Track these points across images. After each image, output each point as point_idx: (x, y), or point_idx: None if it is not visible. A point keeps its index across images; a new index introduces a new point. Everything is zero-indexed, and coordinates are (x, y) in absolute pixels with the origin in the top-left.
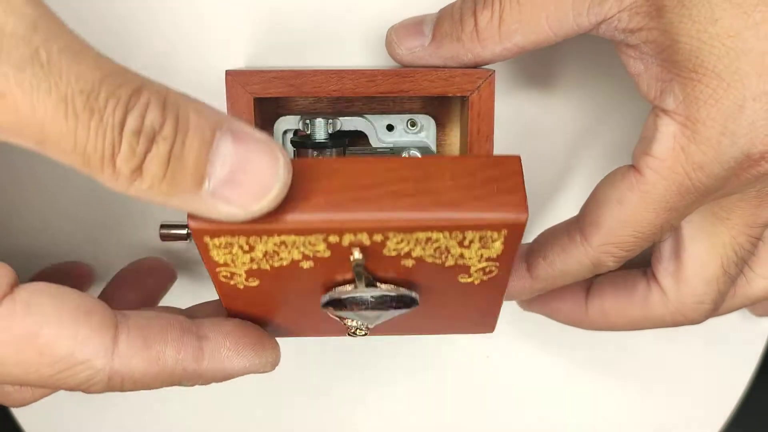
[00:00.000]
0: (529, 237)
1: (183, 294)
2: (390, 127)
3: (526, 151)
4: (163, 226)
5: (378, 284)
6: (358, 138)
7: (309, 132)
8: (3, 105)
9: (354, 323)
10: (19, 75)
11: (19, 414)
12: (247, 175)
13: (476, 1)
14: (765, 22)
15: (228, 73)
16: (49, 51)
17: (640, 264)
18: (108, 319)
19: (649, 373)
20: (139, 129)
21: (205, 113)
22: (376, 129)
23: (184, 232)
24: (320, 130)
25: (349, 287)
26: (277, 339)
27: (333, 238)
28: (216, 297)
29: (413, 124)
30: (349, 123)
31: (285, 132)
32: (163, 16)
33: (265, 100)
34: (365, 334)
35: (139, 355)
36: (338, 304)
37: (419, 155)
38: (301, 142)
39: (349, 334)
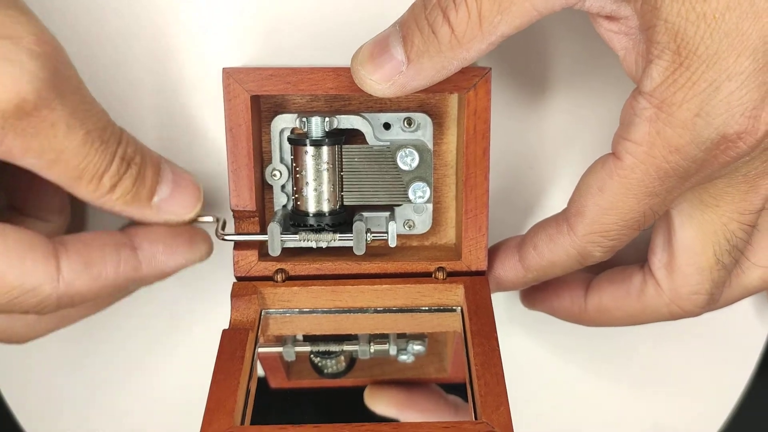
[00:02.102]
0: (523, 231)
1: (185, 285)
2: (387, 126)
3: (522, 148)
4: None
5: None
6: (355, 136)
7: (305, 130)
8: (50, 133)
9: None
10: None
11: (19, 414)
12: (181, 195)
13: (443, 6)
14: (746, 1)
15: (225, 70)
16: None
17: (639, 259)
18: (49, 250)
19: (649, 372)
20: (123, 156)
21: (153, 153)
22: (373, 127)
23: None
24: (317, 127)
25: None
26: None
27: None
28: None
29: (410, 123)
30: (345, 121)
31: (282, 130)
32: (163, 16)
33: (262, 97)
34: None
35: (82, 276)
36: None
37: (416, 153)
38: (298, 140)
39: None
